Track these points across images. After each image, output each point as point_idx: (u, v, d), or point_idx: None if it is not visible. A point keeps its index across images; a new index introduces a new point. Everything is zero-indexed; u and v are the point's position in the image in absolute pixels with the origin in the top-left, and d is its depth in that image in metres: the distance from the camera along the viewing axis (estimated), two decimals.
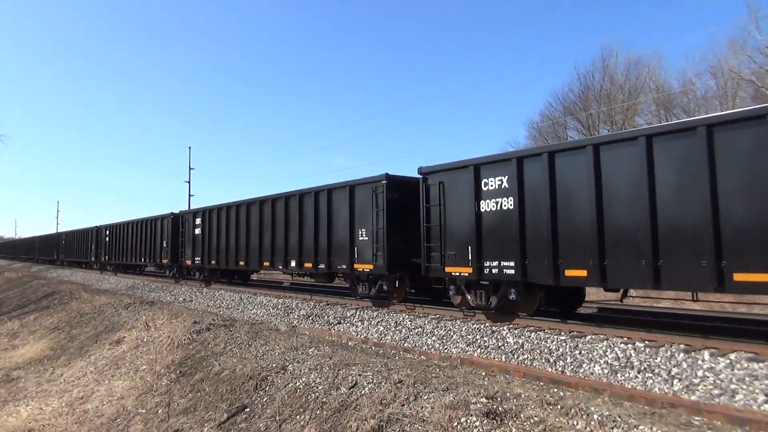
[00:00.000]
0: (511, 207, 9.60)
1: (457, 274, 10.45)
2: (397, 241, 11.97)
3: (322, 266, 14.08)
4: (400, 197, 12.22)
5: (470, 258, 10.15)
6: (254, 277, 24.41)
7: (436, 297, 13.03)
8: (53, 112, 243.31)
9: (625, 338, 8.05)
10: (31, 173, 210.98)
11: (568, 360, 7.85)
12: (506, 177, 9.72)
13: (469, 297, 10.51)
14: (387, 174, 12.36)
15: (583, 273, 8.50)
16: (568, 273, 8.72)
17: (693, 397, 6.20)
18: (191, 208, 22.40)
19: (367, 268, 12.46)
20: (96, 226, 35.85)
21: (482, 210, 10.05)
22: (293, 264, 15.32)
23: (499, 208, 9.82)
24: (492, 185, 9.96)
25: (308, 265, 14.62)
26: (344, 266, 13.21)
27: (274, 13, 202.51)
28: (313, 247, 14.29)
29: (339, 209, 13.51)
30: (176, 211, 24.38)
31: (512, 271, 9.52)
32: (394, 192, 12.20)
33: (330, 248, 13.70)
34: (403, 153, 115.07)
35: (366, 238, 12.50)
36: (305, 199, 14.88)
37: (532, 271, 9.26)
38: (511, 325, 9.68)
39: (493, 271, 9.84)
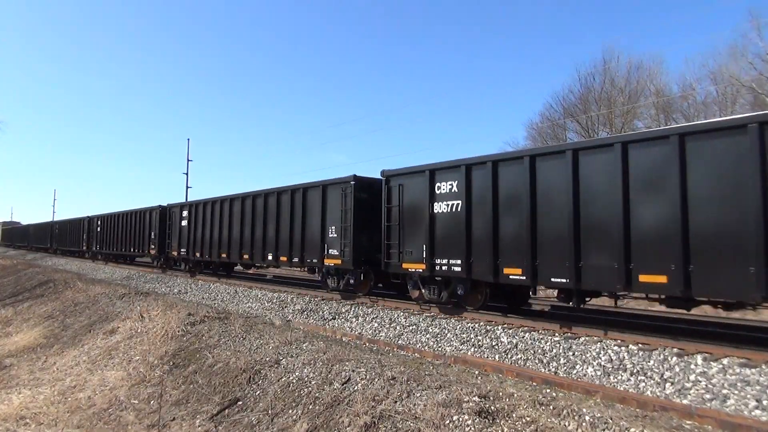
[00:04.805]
0: None
1: None
2: None
3: None
4: None
5: None
6: None
7: None
8: (51, 100, 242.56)
9: (619, 341, 8.08)
10: (28, 161, 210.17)
11: (562, 361, 7.87)
12: None
13: None
14: None
15: None
16: None
17: (685, 401, 6.23)
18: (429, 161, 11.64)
19: None
20: (160, 206, 25.63)
21: None
22: None
23: None
24: None
25: None
26: None
27: (274, 8, 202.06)
28: None
29: None
30: (342, 174, 14.61)
31: None
32: None
33: None
34: (401, 151, 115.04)
35: None
36: None
37: None
38: (505, 324, 9.68)
39: None
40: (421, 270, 11.33)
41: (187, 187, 46.26)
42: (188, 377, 9.50)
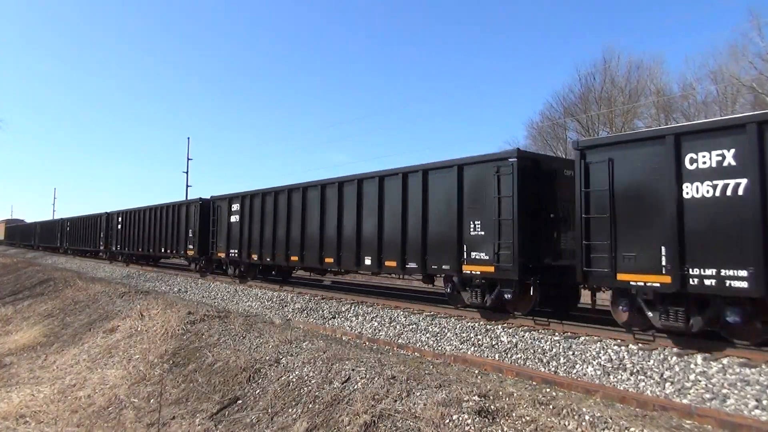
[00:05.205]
0: None
1: None
2: None
3: None
4: None
5: None
6: None
7: None
8: (51, 99, 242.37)
9: (619, 340, 8.07)
10: (28, 160, 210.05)
11: (562, 360, 7.87)
12: None
13: None
14: None
15: None
16: None
17: (684, 401, 6.23)
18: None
19: None
20: (200, 199, 21.38)
21: None
22: None
23: None
24: None
25: None
26: None
27: (274, 7, 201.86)
28: None
29: None
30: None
31: None
32: None
33: None
34: (401, 150, 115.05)
35: None
36: None
37: None
38: (506, 324, 9.68)
39: None
40: (657, 284, 7.61)
41: (187, 186, 46.27)
42: (188, 376, 9.50)
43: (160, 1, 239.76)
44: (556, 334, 8.77)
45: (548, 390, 6.86)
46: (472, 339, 9.29)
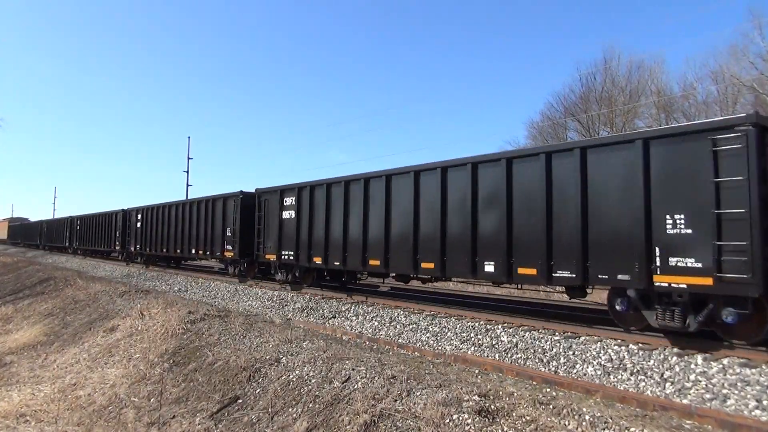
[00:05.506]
0: None
1: None
2: None
3: None
4: None
5: None
6: None
7: None
8: (51, 98, 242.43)
9: (619, 340, 8.07)
10: (28, 159, 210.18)
11: (562, 360, 7.88)
12: None
13: None
14: None
15: None
16: None
17: (685, 401, 6.23)
18: None
19: None
20: (242, 192, 18.75)
21: None
22: None
23: None
24: None
25: None
26: None
27: (275, 7, 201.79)
28: None
29: None
30: None
31: None
32: None
33: None
34: (401, 150, 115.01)
35: None
36: None
37: None
38: (505, 323, 9.68)
39: None
40: None
41: (188, 185, 46.28)
42: (188, 375, 9.50)
43: (160, 1, 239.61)
44: (556, 333, 8.77)
45: (548, 390, 6.86)
46: (473, 339, 9.29)
